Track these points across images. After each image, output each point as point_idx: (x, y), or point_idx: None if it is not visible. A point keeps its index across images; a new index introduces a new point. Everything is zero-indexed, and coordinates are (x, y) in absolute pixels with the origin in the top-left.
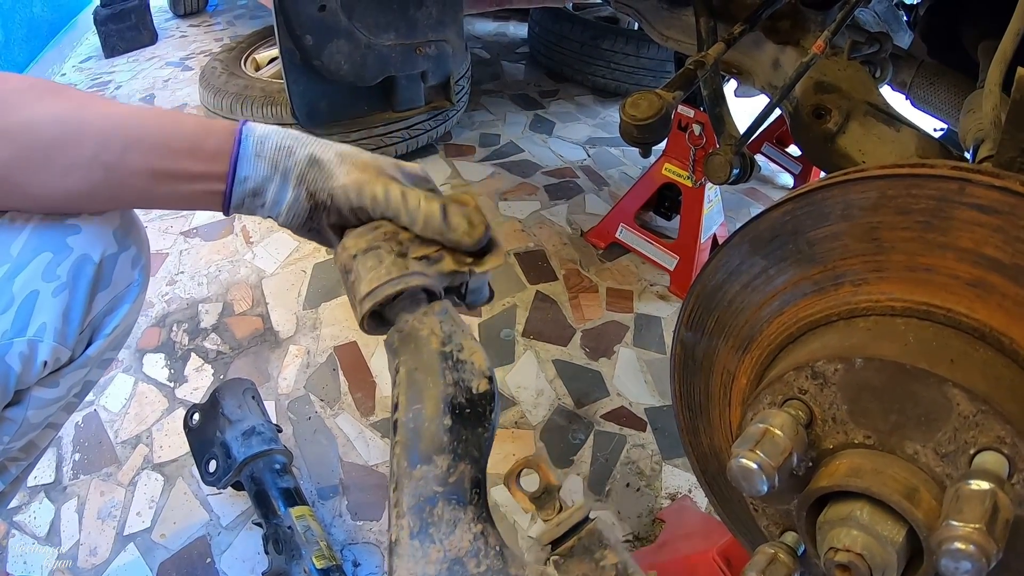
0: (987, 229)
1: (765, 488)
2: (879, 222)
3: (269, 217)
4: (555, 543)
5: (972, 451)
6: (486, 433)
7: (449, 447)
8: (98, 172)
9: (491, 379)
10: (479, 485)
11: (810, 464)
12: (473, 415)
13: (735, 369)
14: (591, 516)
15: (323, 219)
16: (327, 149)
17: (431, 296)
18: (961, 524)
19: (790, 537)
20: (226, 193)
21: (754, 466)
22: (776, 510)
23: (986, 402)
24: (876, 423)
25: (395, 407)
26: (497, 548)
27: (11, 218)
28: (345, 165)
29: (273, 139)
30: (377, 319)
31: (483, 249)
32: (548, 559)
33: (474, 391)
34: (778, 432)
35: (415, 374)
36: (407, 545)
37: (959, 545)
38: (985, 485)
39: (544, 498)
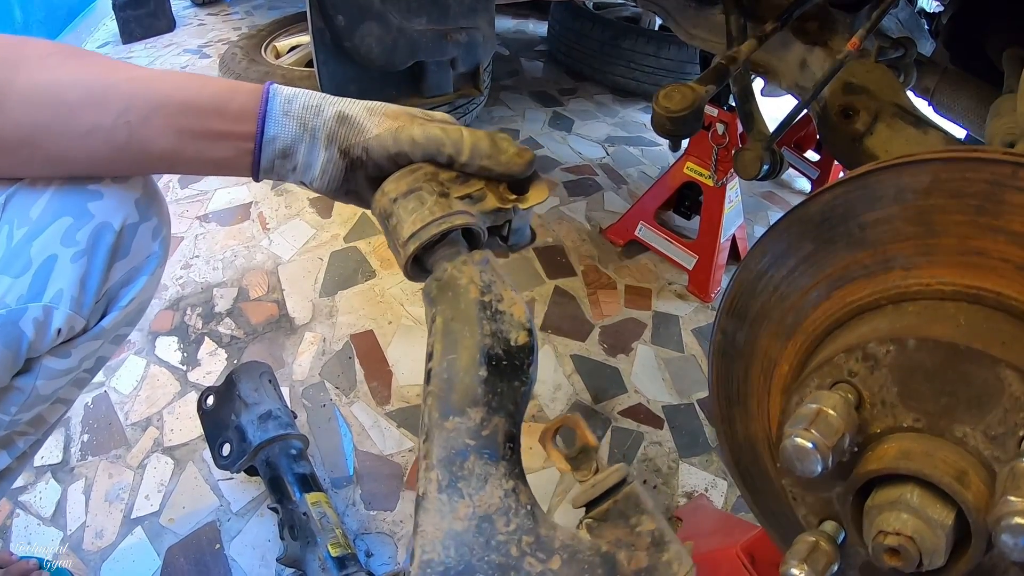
0: None
1: (819, 468)
2: (931, 205)
3: (302, 183)
4: (590, 505)
5: (1022, 433)
6: (523, 387)
7: (483, 399)
8: (122, 133)
9: (531, 331)
10: (513, 440)
11: (855, 450)
12: (510, 367)
13: (777, 356)
14: (629, 480)
15: (361, 177)
16: (354, 105)
17: (473, 240)
18: (1020, 500)
19: (829, 526)
20: (255, 153)
21: (809, 445)
22: (816, 498)
23: None
24: (927, 405)
25: (429, 356)
26: (528, 507)
27: (31, 181)
28: (375, 116)
29: (301, 99)
30: (417, 266)
31: (524, 184)
32: (581, 522)
33: (512, 343)
34: (831, 412)
35: (452, 323)
36: (435, 499)
37: (1019, 520)
38: None
39: (581, 458)
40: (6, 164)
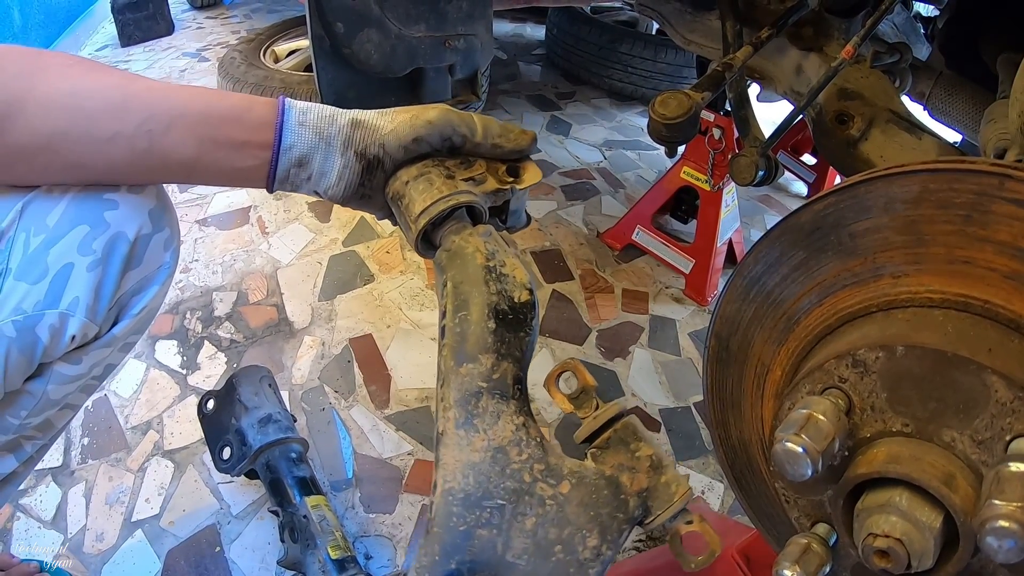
0: None
1: (809, 472)
2: (920, 215)
3: (315, 193)
4: (592, 437)
5: (1008, 437)
6: (527, 337)
7: (493, 347)
8: (143, 141)
9: (531, 291)
10: (520, 382)
11: (846, 454)
12: (515, 320)
13: (770, 361)
14: (626, 413)
15: (377, 178)
16: (365, 112)
17: (477, 219)
18: (1004, 503)
19: (821, 528)
20: (272, 162)
21: (799, 450)
22: (808, 501)
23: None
24: (915, 411)
25: (442, 315)
26: (538, 439)
27: (47, 189)
28: (387, 115)
29: (315, 109)
30: (426, 243)
31: (519, 169)
32: (586, 453)
33: (516, 300)
34: (821, 417)
35: (461, 286)
36: (453, 435)
37: (1003, 523)
38: None
39: (582, 398)
40: (24, 171)
